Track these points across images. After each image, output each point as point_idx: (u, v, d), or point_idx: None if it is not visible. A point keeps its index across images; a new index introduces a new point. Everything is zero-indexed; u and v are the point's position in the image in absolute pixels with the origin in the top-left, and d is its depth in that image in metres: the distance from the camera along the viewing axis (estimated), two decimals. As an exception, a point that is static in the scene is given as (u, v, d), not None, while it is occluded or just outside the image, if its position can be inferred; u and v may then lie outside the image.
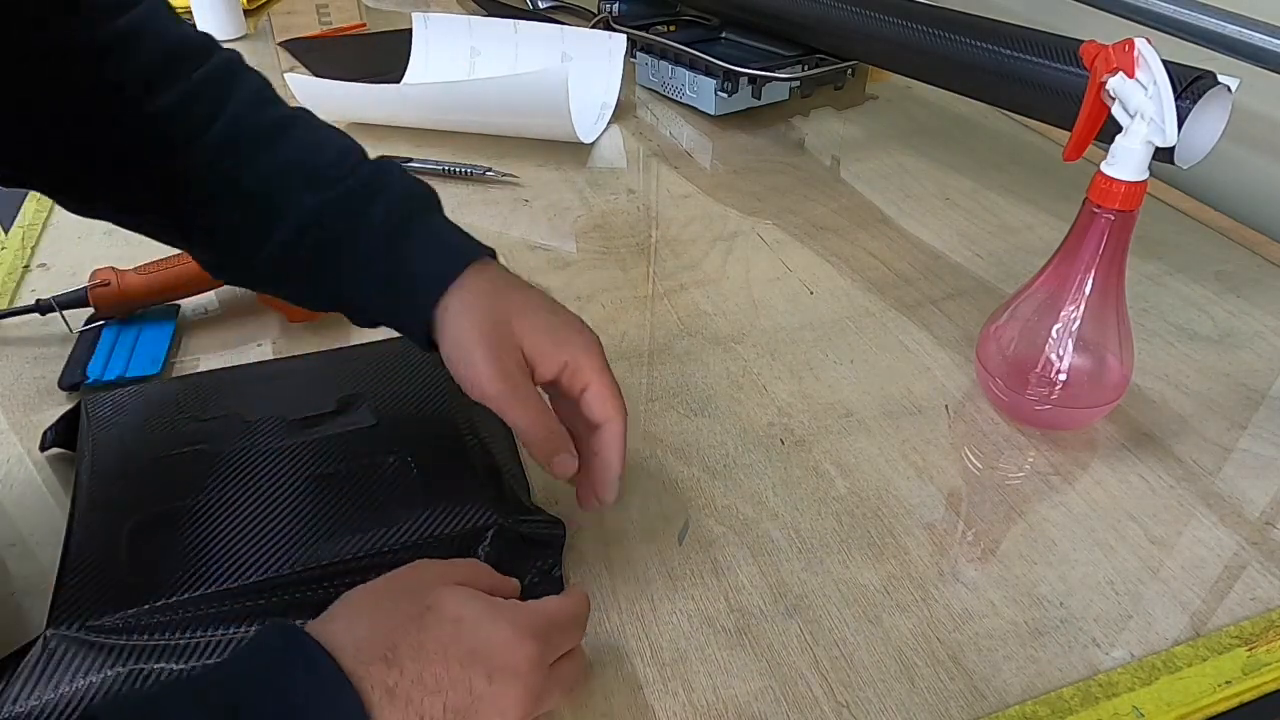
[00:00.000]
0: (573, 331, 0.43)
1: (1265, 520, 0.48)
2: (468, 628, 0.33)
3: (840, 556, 0.45)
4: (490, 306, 0.42)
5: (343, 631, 0.32)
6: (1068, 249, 0.49)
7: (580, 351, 0.43)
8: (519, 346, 0.42)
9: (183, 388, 0.52)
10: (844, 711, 0.38)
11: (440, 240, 0.44)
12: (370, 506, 0.45)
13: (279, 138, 0.44)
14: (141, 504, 0.43)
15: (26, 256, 0.69)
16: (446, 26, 0.99)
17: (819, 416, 0.54)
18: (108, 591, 0.39)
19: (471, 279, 0.43)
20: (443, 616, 0.34)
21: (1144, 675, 0.40)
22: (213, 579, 0.40)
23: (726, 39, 0.98)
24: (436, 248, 0.44)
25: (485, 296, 0.42)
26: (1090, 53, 0.45)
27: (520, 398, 0.41)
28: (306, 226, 0.43)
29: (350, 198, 0.43)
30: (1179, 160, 0.57)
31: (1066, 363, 0.50)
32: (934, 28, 0.74)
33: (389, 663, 0.31)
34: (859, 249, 0.72)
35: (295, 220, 0.43)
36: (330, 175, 0.44)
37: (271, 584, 0.40)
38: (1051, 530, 0.47)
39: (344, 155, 0.45)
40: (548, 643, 0.35)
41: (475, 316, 0.42)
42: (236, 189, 0.43)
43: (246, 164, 0.43)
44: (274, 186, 0.43)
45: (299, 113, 0.46)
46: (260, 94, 0.45)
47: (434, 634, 0.33)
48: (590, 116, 0.92)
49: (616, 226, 0.75)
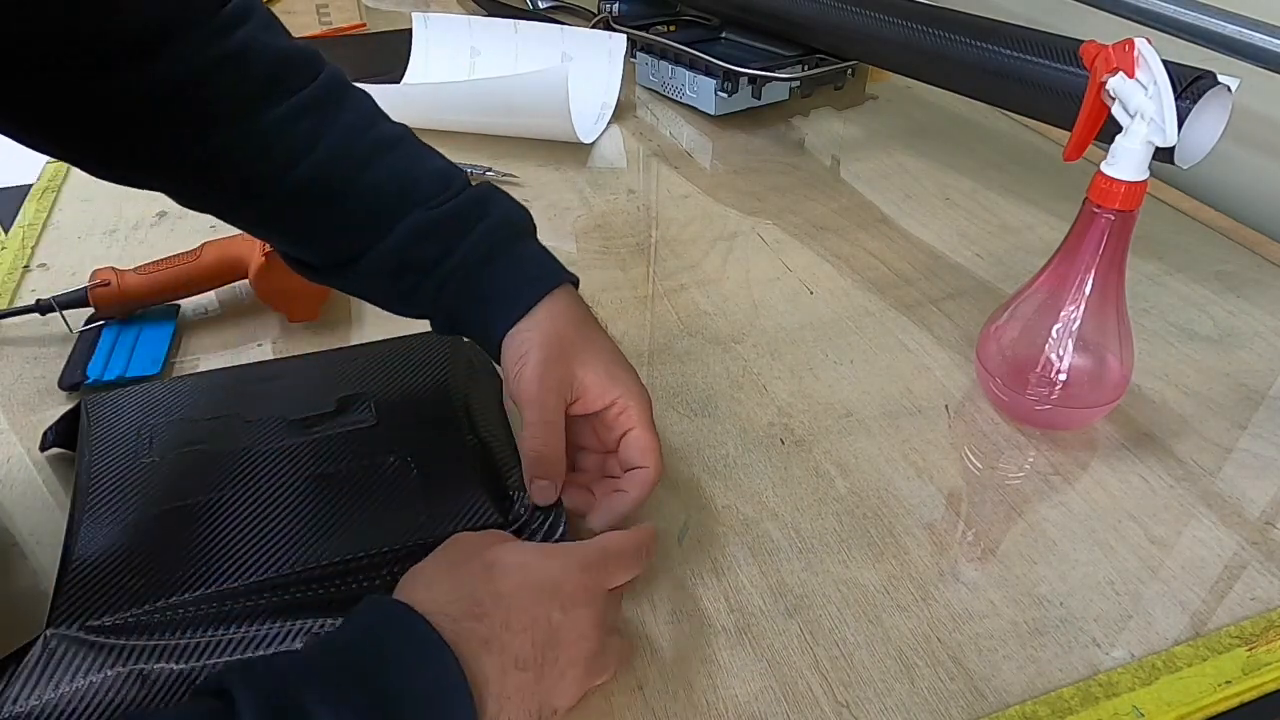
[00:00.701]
0: (630, 377, 0.46)
1: (1265, 520, 0.48)
2: (532, 570, 0.37)
3: (840, 556, 0.45)
4: (559, 329, 0.45)
5: (426, 599, 0.34)
6: (1068, 249, 0.49)
7: (633, 397, 0.45)
8: (573, 373, 0.44)
9: (182, 388, 0.52)
10: (844, 711, 0.38)
11: (529, 266, 0.47)
12: (371, 506, 0.45)
13: (385, 154, 0.46)
14: (142, 504, 0.43)
15: (26, 256, 0.69)
16: (446, 26, 0.99)
17: (819, 416, 0.54)
18: (108, 592, 0.39)
19: (551, 304, 0.45)
20: (508, 565, 0.37)
21: (1144, 675, 0.40)
22: (213, 579, 0.40)
23: (726, 39, 0.98)
24: (524, 273, 0.46)
25: (557, 321, 0.45)
26: (1090, 53, 0.45)
27: (547, 410, 0.43)
28: (406, 244, 0.45)
29: (453, 216, 0.46)
30: (1179, 160, 0.57)
31: (1066, 363, 0.50)
32: (934, 28, 0.74)
33: (478, 617, 0.34)
34: (859, 249, 0.72)
35: (396, 236, 0.45)
36: (433, 195, 0.46)
37: (272, 583, 0.40)
38: (1051, 530, 0.47)
39: (447, 176, 0.47)
40: (604, 571, 0.38)
41: (543, 333, 0.45)
42: (341, 203, 0.45)
43: (356, 176, 0.45)
44: (377, 204, 0.45)
45: (403, 131, 0.48)
46: (365, 112, 0.47)
47: (506, 582, 0.36)
48: (590, 116, 0.92)
49: (616, 226, 0.75)
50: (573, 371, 0.44)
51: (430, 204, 0.45)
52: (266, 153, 0.44)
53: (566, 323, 0.45)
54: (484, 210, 0.47)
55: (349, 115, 0.46)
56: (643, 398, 0.45)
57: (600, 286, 0.67)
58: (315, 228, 0.46)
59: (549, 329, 0.45)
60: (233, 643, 0.38)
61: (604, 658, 0.37)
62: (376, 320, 0.62)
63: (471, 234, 0.46)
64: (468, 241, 0.45)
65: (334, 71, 0.47)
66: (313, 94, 0.45)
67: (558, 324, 0.45)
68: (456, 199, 0.46)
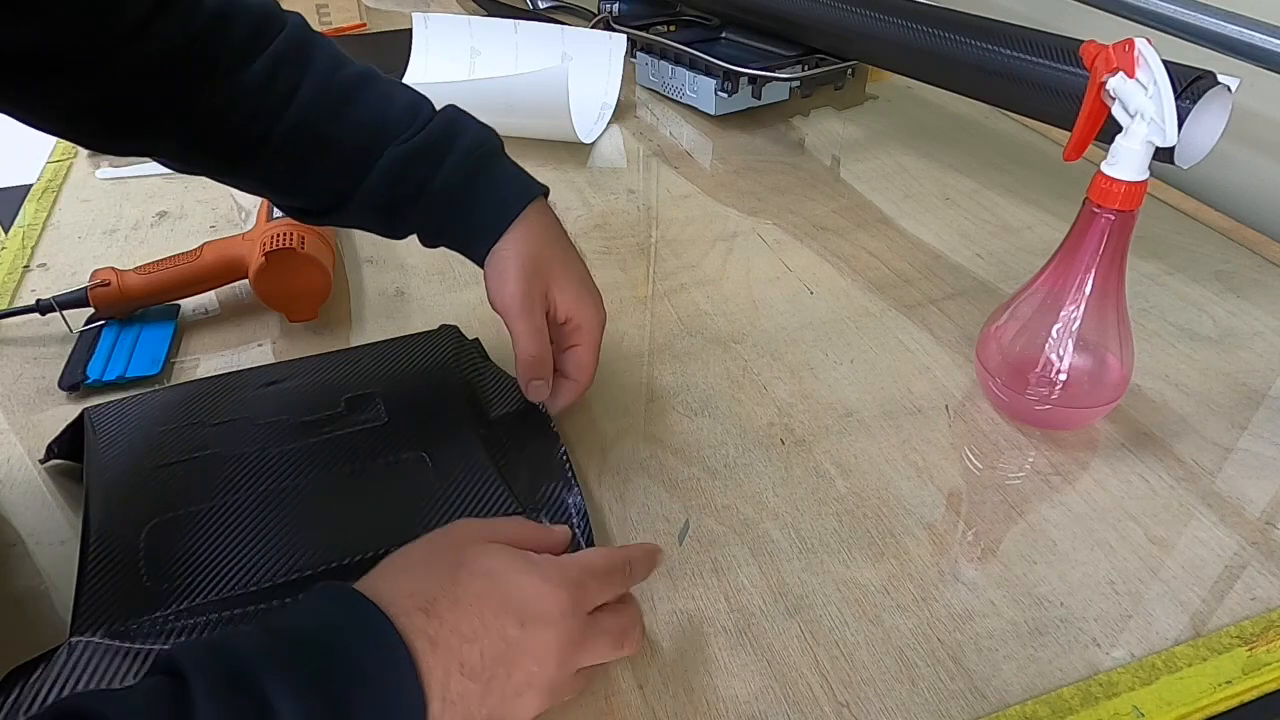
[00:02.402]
0: (592, 299, 0.51)
1: (1265, 520, 0.48)
2: (499, 580, 0.35)
3: (840, 556, 0.45)
4: (536, 248, 0.50)
5: (387, 588, 0.34)
6: (1068, 249, 0.49)
7: (588, 317, 0.51)
8: (548, 284, 0.50)
9: (186, 394, 0.52)
10: (844, 711, 0.38)
11: (503, 183, 0.51)
12: (390, 502, 0.45)
13: (358, 95, 0.50)
14: (156, 510, 0.43)
15: (26, 256, 0.69)
16: (446, 26, 0.99)
17: (819, 416, 0.54)
18: (129, 597, 0.39)
19: (527, 220, 0.50)
20: (475, 571, 0.35)
21: (1144, 675, 0.40)
22: (233, 580, 0.40)
23: (726, 39, 0.98)
24: (499, 191, 0.51)
25: (534, 238, 0.50)
26: (1090, 53, 0.45)
27: (532, 317, 0.49)
28: (390, 180, 0.49)
29: (426, 147, 0.49)
30: (1179, 160, 0.57)
31: (1066, 363, 0.50)
32: (934, 28, 0.74)
33: (428, 614, 0.33)
34: (859, 249, 0.72)
35: (377, 174, 0.49)
36: (406, 127, 0.49)
37: (294, 584, 0.40)
38: (1051, 530, 0.47)
39: (415, 107, 0.51)
40: (582, 590, 0.36)
41: (521, 251, 0.49)
42: (327, 144, 0.49)
43: (333, 121, 0.49)
44: (361, 140, 0.49)
45: (367, 69, 0.51)
46: (332, 55, 0.50)
47: (466, 587, 0.35)
48: (590, 116, 0.92)
49: (616, 226, 0.75)
50: (548, 285, 0.50)
51: (404, 136, 0.49)
52: (255, 105, 0.47)
53: (541, 241, 0.50)
54: (455, 135, 0.50)
55: (320, 61, 0.49)
56: (597, 320, 0.51)
57: (600, 286, 0.66)
58: (304, 175, 0.50)
59: (526, 249, 0.49)
60: None
61: (567, 682, 0.36)
62: (376, 320, 0.62)
63: (449, 159, 0.50)
64: (446, 168, 0.50)
65: (296, 19, 0.50)
66: (286, 43, 0.48)
67: (534, 243, 0.50)
68: (428, 128, 0.50)
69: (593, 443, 0.52)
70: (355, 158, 0.49)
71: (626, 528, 0.47)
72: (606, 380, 0.57)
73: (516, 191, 0.51)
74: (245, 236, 0.62)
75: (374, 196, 0.50)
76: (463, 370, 0.54)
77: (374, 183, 0.49)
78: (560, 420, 0.53)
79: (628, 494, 0.49)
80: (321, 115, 0.48)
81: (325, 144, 0.49)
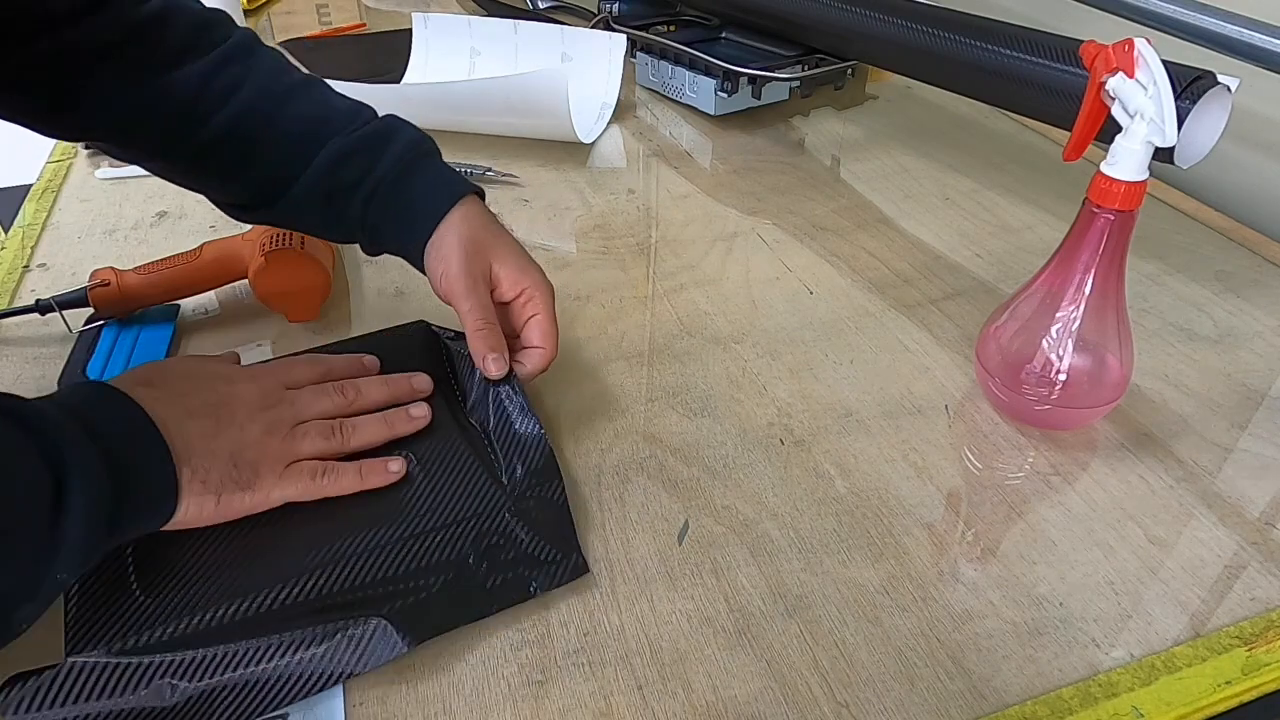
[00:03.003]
0: (537, 271, 0.53)
1: (1265, 520, 0.48)
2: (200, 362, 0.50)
3: (840, 556, 0.45)
4: (474, 231, 0.52)
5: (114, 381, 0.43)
6: (1067, 249, 0.49)
7: (538, 287, 0.52)
8: (490, 265, 0.51)
9: None
10: (844, 711, 0.38)
11: (440, 179, 0.54)
12: (374, 504, 0.45)
13: (301, 95, 0.53)
14: None
15: (26, 256, 0.69)
16: (446, 26, 0.99)
17: (819, 416, 0.54)
18: (122, 614, 0.39)
19: (463, 209, 0.52)
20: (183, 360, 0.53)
21: (1144, 675, 0.40)
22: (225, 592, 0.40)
23: (726, 39, 0.98)
24: (437, 185, 0.53)
25: (471, 223, 0.52)
26: (1090, 53, 0.45)
27: (478, 296, 0.50)
28: (330, 169, 0.51)
29: (367, 140, 0.52)
30: (1179, 160, 0.57)
31: (1066, 363, 0.50)
32: (934, 28, 0.74)
33: (148, 385, 0.42)
34: (859, 249, 0.71)
35: (319, 163, 0.51)
36: (347, 124, 0.52)
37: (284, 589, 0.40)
38: (1051, 530, 0.47)
39: (358, 109, 0.54)
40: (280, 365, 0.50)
41: (460, 235, 0.51)
42: (265, 139, 0.51)
43: (274, 117, 0.51)
44: (298, 136, 0.52)
45: (314, 78, 0.55)
46: (278, 62, 0.53)
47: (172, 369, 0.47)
48: (590, 116, 0.92)
49: (616, 226, 0.75)
50: (490, 264, 0.51)
51: (347, 130, 0.52)
52: (192, 100, 0.50)
53: (478, 226, 0.52)
54: (393, 133, 0.53)
55: (264, 64, 0.52)
56: (547, 289, 0.52)
57: (600, 286, 0.67)
58: (243, 166, 0.52)
59: (464, 232, 0.51)
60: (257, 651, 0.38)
61: (283, 409, 0.46)
62: (376, 320, 0.61)
63: (387, 153, 0.52)
64: (385, 160, 0.52)
65: (246, 31, 0.53)
66: (230, 48, 0.51)
67: (472, 227, 0.52)
68: (368, 125, 0.53)
69: (593, 443, 0.52)
70: (295, 148, 0.51)
71: (626, 528, 0.47)
72: (606, 380, 0.57)
73: (455, 183, 0.54)
74: (245, 236, 0.62)
75: (315, 185, 0.51)
76: (438, 362, 0.55)
77: (316, 170, 0.51)
78: (557, 417, 0.53)
79: (628, 494, 0.49)
80: (263, 109, 0.51)
81: (267, 135, 0.51)
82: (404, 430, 0.49)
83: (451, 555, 0.43)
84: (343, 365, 0.52)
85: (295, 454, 0.45)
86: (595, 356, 0.59)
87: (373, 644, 0.38)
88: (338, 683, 0.38)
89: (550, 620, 0.42)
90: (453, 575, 0.42)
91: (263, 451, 0.44)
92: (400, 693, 0.39)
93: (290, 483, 0.44)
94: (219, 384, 0.45)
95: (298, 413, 0.47)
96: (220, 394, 0.45)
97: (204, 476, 0.41)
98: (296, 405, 0.47)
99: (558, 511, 0.45)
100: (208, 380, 0.45)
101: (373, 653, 0.38)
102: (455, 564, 0.42)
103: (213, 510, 0.42)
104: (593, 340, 0.61)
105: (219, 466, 0.42)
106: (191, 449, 0.41)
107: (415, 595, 0.41)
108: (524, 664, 0.40)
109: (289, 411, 0.46)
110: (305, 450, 0.46)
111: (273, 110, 0.51)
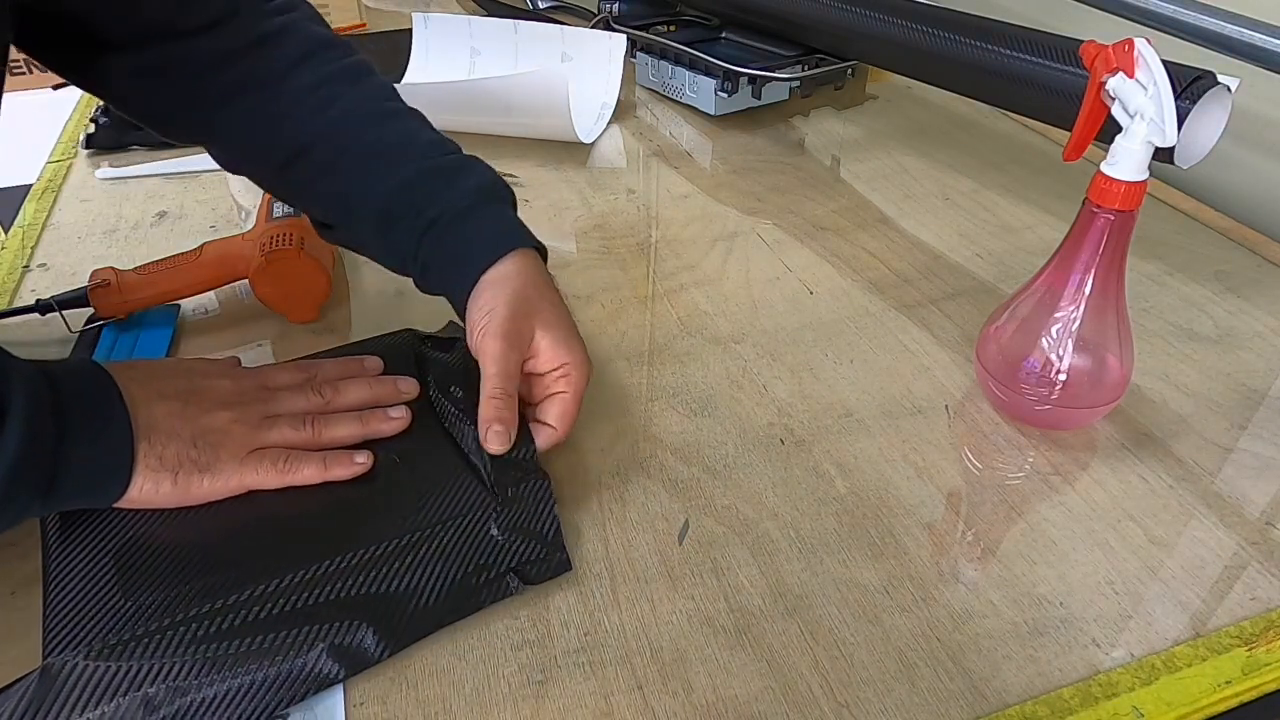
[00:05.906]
0: (579, 347, 0.49)
1: (1265, 520, 0.48)
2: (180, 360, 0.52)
3: (840, 556, 0.45)
4: (524, 289, 0.48)
5: None
6: (1067, 249, 0.49)
7: (577, 366, 0.48)
8: (534, 330, 0.48)
9: None
10: (844, 711, 0.38)
11: (501, 225, 0.52)
12: (359, 507, 0.45)
13: (392, 121, 0.53)
14: (118, 523, 0.43)
15: (26, 256, 0.69)
16: (446, 26, 0.99)
17: (819, 416, 0.54)
18: (101, 617, 0.39)
19: (516, 262, 0.49)
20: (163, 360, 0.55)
21: (1144, 675, 0.40)
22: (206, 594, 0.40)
23: (726, 39, 0.98)
24: (495, 231, 0.51)
25: (523, 279, 0.49)
26: (1090, 53, 0.45)
27: (509, 365, 0.47)
28: (397, 190, 0.51)
29: (438, 173, 0.51)
30: (1179, 160, 0.57)
31: (1066, 363, 0.50)
32: (934, 28, 0.74)
33: (130, 367, 0.44)
34: (859, 249, 0.71)
35: (386, 187, 0.51)
36: (426, 154, 0.52)
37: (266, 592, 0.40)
38: (1051, 530, 0.47)
39: (442, 143, 0.53)
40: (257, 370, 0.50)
41: (508, 291, 0.48)
42: (345, 157, 0.51)
43: (360, 137, 0.51)
44: (376, 157, 0.51)
45: (415, 111, 0.55)
46: (384, 90, 0.54)
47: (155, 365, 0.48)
48: (590, 116, 0.92)
49: (616, 226, 0.75)
50: (534, 329, 0.48)
51: (429, 156, 0.52)
52: (288, 112, 0.51)
53: (529, 283, 0.49)
54: (466, 170, 0.52)
55: (368, 89, 0.53)
56: (585, 369, 0.49)
57: (600, 286, 0.67)
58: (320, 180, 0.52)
59: (514, 287, 0.48)
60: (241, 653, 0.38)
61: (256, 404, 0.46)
62: (376, 321, 0.61)
63: (454, 189, 0.51)
64: (449, 195, 0.50)
65: (364, 58, 0.55)
66: (340, 69, 0.53)
67: (522, 282, 0.49)
68: (445, 157, 0.52)
69: (593, 443, 0.52)
70: (372, 168, 0.51)
71: (626, 528, 0.47)
72: (606, 380, 0.57)
73: (514, 234, 0.51)
74: (245, 236, 0.62)
75: (378, 208, 0.51)
76: (424, 366, 0.54)
77: (380, 193, 0.51)
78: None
79: (628, 494, 0.49)
80: (351, 127, 0.51)
81: (348, 153, 0.51)
82: (380, 429, 0.48)
83: (437, 554, 0.43)
84: (334, 369, 0.52)
85: (260, 441, 0.45)
86: (595, 356, 0.59)
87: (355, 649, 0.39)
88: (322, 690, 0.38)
89: (550, 620, 0.42)
90: (438, 574, 0.42)
91: (225, 436, 0.44)
92: (400, 693, 0.39)
93: (251, 469, 0.44)
94: (197, 377, 0.47)
95: (271, 408, 0.47)
96: (196, 384, 0.46)
97: (160, 453, 0.42)
98: (270, 402, 0.47)
99: (542, 509, 0.45)
100: (187, 373, 0.47)
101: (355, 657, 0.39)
102: (441, 563, 0.42)
103: (169, 490, 0.42)
104: (593, 340, 0.61)
105: (177, 445, 0.43)
106: (154, 427, 0.42)
107: (400, 596, 0.41)
108: (524, 664, 0.40)
109: (262, 406, 0.47)
110: (272, 439, 0.46)
111: (360, 131, 0.51)
